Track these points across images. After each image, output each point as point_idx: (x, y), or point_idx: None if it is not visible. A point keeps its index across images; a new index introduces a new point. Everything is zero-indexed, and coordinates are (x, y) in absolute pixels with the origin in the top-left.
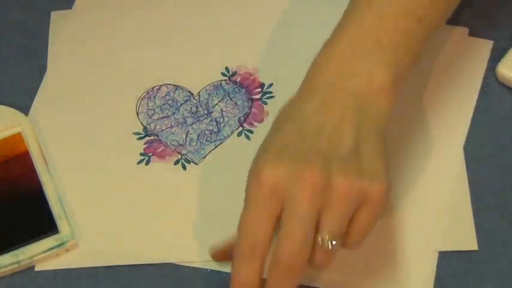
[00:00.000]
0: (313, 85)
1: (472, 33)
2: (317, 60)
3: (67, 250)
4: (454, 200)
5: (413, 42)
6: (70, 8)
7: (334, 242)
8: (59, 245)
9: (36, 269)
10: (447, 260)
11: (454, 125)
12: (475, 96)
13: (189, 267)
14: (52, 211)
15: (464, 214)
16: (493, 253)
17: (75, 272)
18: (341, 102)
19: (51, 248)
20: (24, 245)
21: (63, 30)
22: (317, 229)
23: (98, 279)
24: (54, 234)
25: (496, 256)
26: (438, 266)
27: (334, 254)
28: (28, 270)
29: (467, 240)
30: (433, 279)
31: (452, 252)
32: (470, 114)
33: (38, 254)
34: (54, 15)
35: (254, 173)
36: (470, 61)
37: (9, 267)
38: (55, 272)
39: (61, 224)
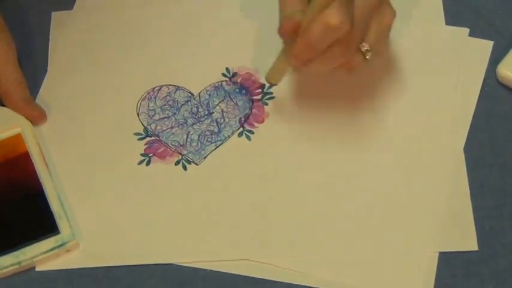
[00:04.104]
0: None
1: (472, 33)
2: None
3: (68, 251)
4: (454, 200)
5: None
6: (70, 9)
7: (369, 54)
8: (60, 246)
9: (37, 269)
10: (447, 260)
11: (454, 125)
12: (475, 96)
13: (189, 267)
14: (52, 212)
15: (464, 214)
16: (493, 253)
17: (76, 272)
18: None
19: (52, 249)
20: (24, 246)
21: (64, 31)
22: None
23: (98, 279)
24: (54, 234)
25: (496, 256)
26: (438, 266)
27: (361, 66)
28: (29, 271)
29: (467, 240)
30: (433, 279)
31: (452, 252)
32: (471, 114)
33: (39, 255)
34: (55, 16)
35: None
36: (470, 61)
37: (10, 268)
38: (56, 273)
39: (62, 224)
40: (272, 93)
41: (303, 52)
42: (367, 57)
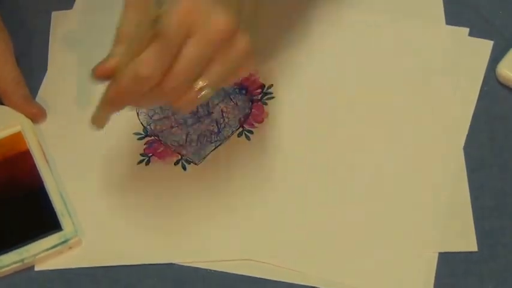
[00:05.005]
0: None
1: (472, 33)
2: None
3: (70, 247)
4: (454, 200)
5: None
6: (70, 8)
7: (206, 91)
8: (63, 242)
9: (36, 268)
10: (447, 260)
11: (454, 125)
12: (475, 96)
13: (189, 267)
14: (54, 209)
15: (464, 215)
16: (493, 253)
17: (75, 272)
18: None
19: (55, 246)
20: (27, 243)
21: (64, 31)
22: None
23: (98, 279)
24: (57, 231)
25: (496, 256)
26: (438, 266)
27: (199, 102)
28: (28, 271)
29: (466, 240)
30: (433, 279)
31: (452, 252)
32: (470, 114)
33: (42, 252)
34: (55, 15)
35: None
36: (470, 61)
37: (12, 266)
38: (55, 272)
39: (64, 221)
40: (272, 93)
41: (115, 99)
42: (205, 92)
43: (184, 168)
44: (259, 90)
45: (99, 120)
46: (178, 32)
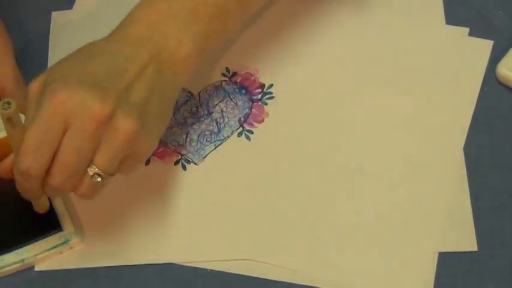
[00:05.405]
0: (128, 34)
1: (472, 33)
2: (135, 13)
3: (71, 248)
4: (454, 200)
5: (228, 20)
6: (70, 8)
7: (99, 179)
8: (63, 243)
9: (36, 269)
10: (447, 260)
11: (454, 125)
12: (475, 96)
13: (189, 267)
14: (55, 209)
15: (464, 214)
16: (493, 253)
17: (75, 272)
18: (149, 56)
19: (55, 246)
20: (27, 244)
21: (64, 31)
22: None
23: (98, 279)
24: (58, 232)
25: (496, 256)
26: (438, 266)
27: (99, 189)
28: (28, 271)
29: (467, 241)
30: (433, 279)
31: (452, 252)
32: (470, 114)
33: (42, 252)
34: (55, 15)
35: (53, 92)
36: (470, 61)
37: (13, 266)
38: (55, 272)
39: (64, 221)
40: (272, 93)
41: (22, 191)
42: (98, 180)
43: (184, 168)
44: (259, 90)
45: (37, 206)
46: (47, 126)
